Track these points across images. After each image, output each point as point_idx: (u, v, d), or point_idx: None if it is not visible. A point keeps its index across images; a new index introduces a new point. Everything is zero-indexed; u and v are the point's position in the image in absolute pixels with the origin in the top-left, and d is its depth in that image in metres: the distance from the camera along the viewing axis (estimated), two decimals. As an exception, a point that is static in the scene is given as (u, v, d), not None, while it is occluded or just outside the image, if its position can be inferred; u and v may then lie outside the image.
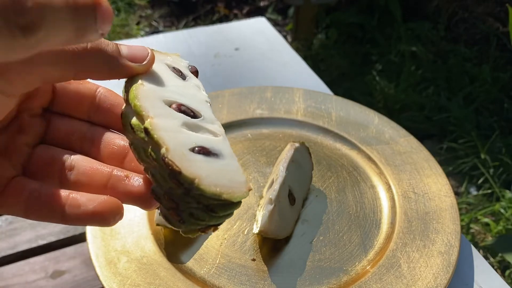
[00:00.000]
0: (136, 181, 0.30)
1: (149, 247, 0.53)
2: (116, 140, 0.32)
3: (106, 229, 0.55)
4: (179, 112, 0.28)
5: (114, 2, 2.47)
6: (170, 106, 0.29)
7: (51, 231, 0.63)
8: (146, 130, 0.26)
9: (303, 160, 0.60)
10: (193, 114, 0.29)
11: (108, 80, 0.30)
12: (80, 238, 0.62)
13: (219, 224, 0.28)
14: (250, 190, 0.27)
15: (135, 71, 0.29)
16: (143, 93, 0.28)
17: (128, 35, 2.26)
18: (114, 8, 2.45)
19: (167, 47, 0.95)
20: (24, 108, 0.30)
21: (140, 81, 0.29)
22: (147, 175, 0.29)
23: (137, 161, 0.29)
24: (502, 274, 1.24)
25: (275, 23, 2.37)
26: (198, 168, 0.26)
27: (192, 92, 0.31)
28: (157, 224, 0.54)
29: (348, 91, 1.83)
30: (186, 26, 2.37)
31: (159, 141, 0.26)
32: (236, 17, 2.47)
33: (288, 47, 0.95)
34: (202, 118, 0.29)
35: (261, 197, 0.60)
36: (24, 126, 0.30)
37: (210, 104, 0.31)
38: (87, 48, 0.27)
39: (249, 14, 2.47)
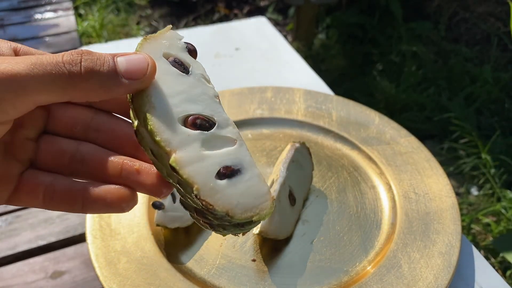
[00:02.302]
0: (149, 174, 0.30)
1: (149, 248, 0.53)
2: (124, 128, 0.32)
3: (106, 229, 0.55)
4: (196, 129, 0.29)
5: (114, 2, 2.47)
6: (186, 124, 0.29)
7: (51, 231, 0.63)
8: (174, 169, 0.28)
9: (303, 161, 0.60)
10: (208, 125, 0.30)
11: None
12: (80, 239, 0.62)
13: (248, 231, 0.31)
14: (273, 199, 0.30)
15: (135, 89, 0.29)
16: (158, 120, 0.28)
17: (128, 35, 2.26)
18: (114, 8, 2.46)
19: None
20: None
21: (148, 102, 0.29)
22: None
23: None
24: (503, 275, 1.24)
25: (275, 23, 2.37)
26: (228, 198, 0.28)
27: (200, 90, 0.31)
28: (157, 225, 0.54)
29: (348, 91, 1.83)
30: (186, 26, 2.37)
31: (189, 180, 0.28)
32: (236, 17, 2.47)
33: (288, 47, 0.95)
34: (217, 125, 0.30)
35: (261, 197, 0.60)
36: (23, 120, 0.30)
37: (219, 99, 0.32)
38: (80, 72, 0.27)
39: (250, 14, 2.47)
